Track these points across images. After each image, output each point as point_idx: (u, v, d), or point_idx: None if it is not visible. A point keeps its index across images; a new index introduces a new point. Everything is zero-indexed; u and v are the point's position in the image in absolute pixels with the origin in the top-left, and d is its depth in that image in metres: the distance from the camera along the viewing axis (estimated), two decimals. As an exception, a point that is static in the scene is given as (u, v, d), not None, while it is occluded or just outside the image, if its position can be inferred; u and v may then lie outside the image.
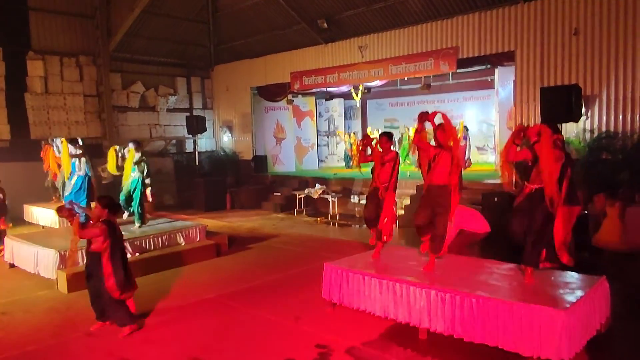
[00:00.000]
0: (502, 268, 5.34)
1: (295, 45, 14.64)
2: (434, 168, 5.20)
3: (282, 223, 11.96)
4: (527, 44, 10.18)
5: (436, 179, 5.19)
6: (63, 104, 14.00)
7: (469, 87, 16.20)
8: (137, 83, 15.63)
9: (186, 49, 16.56)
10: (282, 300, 6.14)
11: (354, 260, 5.92)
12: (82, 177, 8.74)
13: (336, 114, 18.72)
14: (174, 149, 16.75)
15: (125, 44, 14.86)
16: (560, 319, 3.98)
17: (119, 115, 15.19)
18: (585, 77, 9.44)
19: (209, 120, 16.81)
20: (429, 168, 5.28)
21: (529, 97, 10.15)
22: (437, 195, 5.19)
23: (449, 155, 5.11)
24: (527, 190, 4.82)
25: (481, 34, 10.87)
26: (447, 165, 5.11)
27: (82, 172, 8.75)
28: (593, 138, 9.31)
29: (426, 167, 5.33)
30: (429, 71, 11.91)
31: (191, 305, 6.07)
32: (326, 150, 18.85)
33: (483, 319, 4.37)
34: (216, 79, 17.32)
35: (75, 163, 8.77)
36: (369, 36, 12.98)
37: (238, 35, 16.04)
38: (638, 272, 6.38)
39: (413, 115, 18.22)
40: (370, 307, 5.24)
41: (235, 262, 8.26)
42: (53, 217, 10.62)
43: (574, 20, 9.54)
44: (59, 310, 6.01)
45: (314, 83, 14.26)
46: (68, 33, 14.14)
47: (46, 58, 13.64)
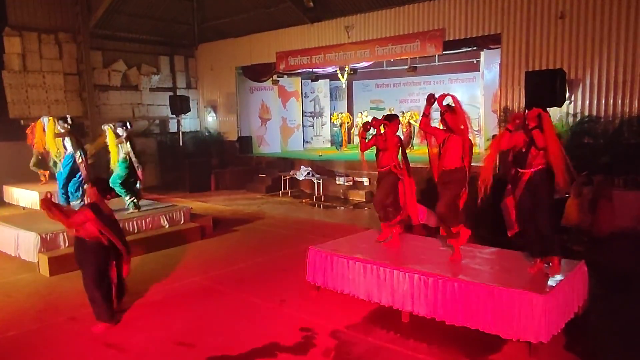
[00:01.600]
0: (485, 252, 5.43)
1: (280, 24, 14.42)
2: (445, 153, 5.07)
3: (267, 205, 11.95)
4: (513, 26, 10.17)
5: (448, 164, 5.06)
6: (42, 83, 13.64)
7: (454, 69, 16.19)
8: (118, 61, 15.27)
9: (170, 27, 16.17)
10: (266, 283, 6.17)
11: (338, 243, 5.94)
12: (69, 156, 8.64)
13: (322, 94, 18.60)
14: (157, 129, 16.50)
15: (106, 21, 14.46)
16: (540, 303, 4.06)
17: (101, 94, 14.88)
18: (570, 61, 9.48)
19: (193, 100, 16.57)
20: (439, 153, 5.17)
21: (514, 80, 10.18)
22: (449, 180, 5.09)
23: (459, 139, 4.98)
24: (526, 177, 4.62)
25: (468, 16, 10.81)
26: (459, 149, 4.98)
27: (69, 151, 8.63)
28: (576, 122, 9.41)
29: (436, 152, 5.22)
30: (416, 53, 11.85)
31: (175, 288, 6.07)
32: (312, 131, 18.77)
33: (464, 302, 4.44)
34: (200, 58, 17.02)
35: (64, 140, 8.65)
36: (356, 16, 12.83)
37: (223, 13, 15.71)
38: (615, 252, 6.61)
39: (399, 96, 18.52)
40: (354, 290, 5.29)
41: (220, 244, 8.24)
42: (34, 198, 10.47)
43: (560, 4, 9.53)
44: (41, 294, 5.95)
45: (300, 64, 14.10)
46: (46, 8, 13.69)
47: (24, 34, 13.23)
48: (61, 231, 6.88)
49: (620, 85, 9.12)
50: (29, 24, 13.38)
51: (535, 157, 4.58)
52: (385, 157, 5.65)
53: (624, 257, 6.83)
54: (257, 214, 10.79)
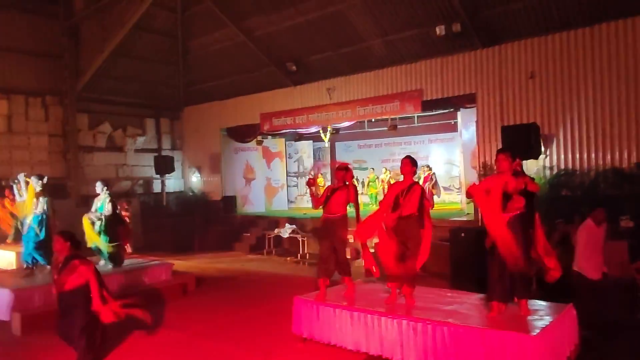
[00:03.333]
0: (472, 298, 5.38)
1: (264, 87, 14.90)
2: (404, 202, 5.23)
3: (251, 263, 11.77)
4: (487, 86, 10.68)
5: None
6: (27, 144, 13.69)
7: (434, 130, 16.71)
8: (104, 123, 15.46)
9: (156, 90, 16.56)
10: (251, 337, 5.98)
11: (324, 293, 5.84)
12: (38, 216, 8.33)
13: (305, 155, 18.91)
14: (141, 190, 16.44)
15: (93, 85, 14.77)
16: (531, 344, 4.01)
17: (85, 156, 14.91)
18: (543, 117, 9.91)
19: (177, 161, 16.68)
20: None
21: (491, 136, 10.55)
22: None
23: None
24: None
25: (444, 77, 11.34)
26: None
27: (38, 211, 8.34)
28: (553, 175, 9.70)
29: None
30: (395, 112, 12.27)
31: (156, 344, 5.83)
32: (296, 191, 18.88)
33: (455, 347, 4.36)
34: (186, 120, 17.34)
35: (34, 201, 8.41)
36: (337, 79, 13.35)
37: (208, 77, 16.22)
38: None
39: (381, 156, 18.88)
40: (342, 340, 5.16)
41: (203, 300, 8.02)
42: (10, 259, 10.17)
43: (530, 64, 10.11)
44: (12, 353, 5.66)
45: (284, 124, 14.44)
46: (35, 73, 13.99)
47: (11, 97, 13.41)
48: (36, 287, 6.67)
49: (592, 139, 9.51)
50: (17, 86, 13.60)
51: (513, 202, 4.72)
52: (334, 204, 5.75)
53: (611, 304, 6.80)
54: (241, 271, 10.59)
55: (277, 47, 13.73)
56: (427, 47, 11.49)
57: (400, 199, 5.25)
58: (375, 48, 12.26)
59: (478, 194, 4.77)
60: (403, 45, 11.82)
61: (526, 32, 10.13)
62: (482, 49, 10.68)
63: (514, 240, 4.52)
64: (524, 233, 4.75)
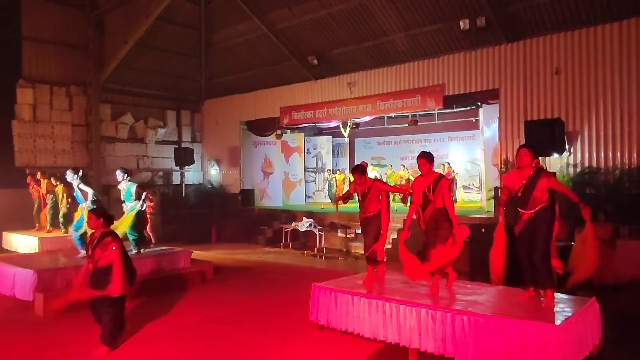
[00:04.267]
0: (492, 290, 5.31)
1: (285, 81, 14.93)
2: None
3: (268, 255, 11.80)
4: (511, 82, 10.53)
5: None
6: (51, 133, 13.93)
7: (454, 128, 16.55)
8: (126, 114, 15.68)
9: (177, 83, 16.74)
10: (268, 324, 5.98)
11: (343, 281, 5.83)
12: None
13: (324, 150, 18.89)
14: (161, 181, 16.62)
15: (116, 76, 15.00)
16: (553, 334, 3.93)
17: (107, 146, 15.13)
18: (568, 114, 9.73)
19: (197, 154, 16.81)
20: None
21: (514, 132, 10.40)
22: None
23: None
24: (526, 217, 4.80)
25: (466, 72, 11.22)
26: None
27: (90, 199, 8.40)
28: (577, 173, 9.51)
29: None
30: (416, 107, 12.18)
31: (174, 328, 5.87)
32: (313, 186, 18.87)
33: (474, 336, 4.29)
34: (206, 112, 17.47)
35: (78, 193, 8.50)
36: (358, 73, 13.32)
37: (229, 70, 16.32)
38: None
39: (400, 153, 18.75)
40: (359, 328, 5.12)
41: (220, 288, 8.06)
42: (33, 244, 10.37)
43: (555, 60, 9.93)
44: (35, 332, 5.75)
45: (303, 118, 14.45)
46: (60, 63, 14.25)
47: (37, 86, 13.68)
48: (59, 269, 6.80)
49: (618, 138, 9.31)
50: (43, 76, 13.88)
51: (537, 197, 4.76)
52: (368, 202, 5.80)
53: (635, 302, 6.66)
54: (259, 262, 10.64)
55: (299, 40, 13.74)
56: (450, 41, 11.38)
57: (429, 195, 5.23)
58: (398, 42, 12.18)
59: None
60: (426, 40, 11.72)
61: (552, 27, 9.97)
62: (506, 43, 10.53)
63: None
64: (549, 226, 4.71)
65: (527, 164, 4.85)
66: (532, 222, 4.77)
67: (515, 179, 4.93)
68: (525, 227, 4.81)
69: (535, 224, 4.75)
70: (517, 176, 4.95)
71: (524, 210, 4.82)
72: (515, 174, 5.03)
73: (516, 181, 4.91)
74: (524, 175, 4.86)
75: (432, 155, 5.43)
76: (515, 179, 4.93)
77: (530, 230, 4.77)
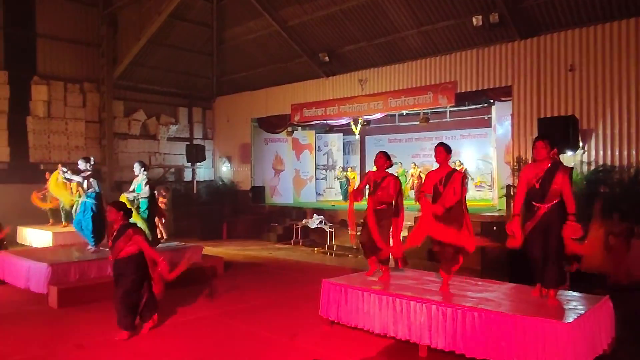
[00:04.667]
0: (503, 287, 5.28)
1: (296, 77, 14.93)
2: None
3: (279, 252, 11.83)
4: (524, 79, 10.43)
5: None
6: (64, 129, 14.09)
7: (466, 125, 16.43)
8: (139, 111, 15.81)
9: (189, 80, 16.84)
10: (278, 319, 6.01)
11: (353, 278, 5.84)
12: (92, 194, 8.47)
13: (335, 148, 18.87)
14: (173, 178, 16.74)
15: (129, 73, 15.12)
16: (565, 332, 3.89)
17: (119, 142, 15.28)
18: (582, 111, 9.62)
19: (208, 150, 16.92)
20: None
21: (527, 130, 10.30)
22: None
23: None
24: (542, 211, 4.66)
25: (479, 69, 11.14)
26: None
27: (91, 190, 8.47)
28: (590, 171, 9.39)
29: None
30: (428, 104, 12.12)
31: (185, 322, 5.92)
32: (324, 183, 18.87)
33: (486, 333, 4.27)
34: (217, 109, 17.55)
35: (84, 183, 8.54)
36: (369, 70, 13.28)
37: (240, 67, 16.37)
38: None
39: (411, 151, 18.68)
40: (369, 324, 5.13)
41: (231, 283, 8.10)
42: (47, 238, 10.52)
43: (570, 57, 9.81)
44: (49, 324, 5.83)
45: (314, 115, 14.45)
46: (74, 60, 14.41)
47: (51, 83, 13.84)
48: (73, 263, 6.89)
49: (633, 135, 9.18)
50: (57, 73, 14.04)
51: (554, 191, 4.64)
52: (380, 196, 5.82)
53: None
54: (269, 258, 10.67)
55: (310, 37, 13.74)
56: (462, 38, 11.30)
57: (439, 187, 5.18)
58: (410, 39, 12.12)
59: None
60: (438, 36, 11.65)
61: (567, 23, 9.86)
62: (520, 40, 10.43)
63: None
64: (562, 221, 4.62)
65: (544, 156, 4.70)
66: (547, 216, 4.62)
67: (532, 172, 4.76)
68: (540, 222, 4.65)
69: (551, 219, 4.60)
70: (534, 169, 4.78)
71: (540, 204, 4.66)
72: (532, 167, 4.87)
73: (533, 174, 4.74)
74: (541, 167, 4.69)
75: (449, 147, 5.36)
76: (532, 172, 4.76)
77: (545, 225, 4.62)
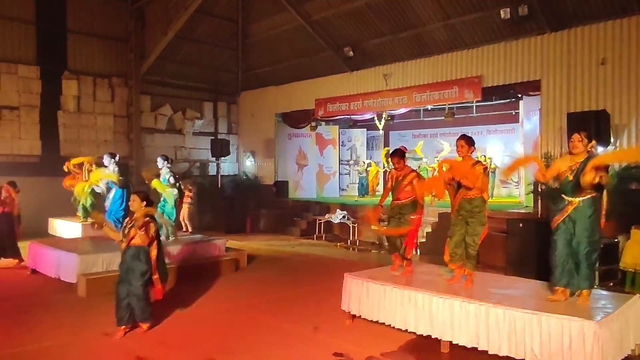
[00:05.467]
0: (529, 284, 5.19)
1: (320, 72, 14.91)
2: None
3: (301, 247, 11.87)
4: (554, 72, 10.17)
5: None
6: (94, 123, 14.41)
7: (493, 120, 16.15)
8: (165, 106, 16.04)
9: (215, 74, 17.01)
10: (300, 312, 6.05)
11: (375, 272, 5.82)
12: (120, 190, 8.74)
13: (359, 143, 18.81)
14: (198, 172, 16.96)
15: (156, 67, 15.34)
16: (592, 331, 3.80)
17: (146, 136, 15.54)
18: (614, 106, 9.33)
19: (232, 145, 17.06)
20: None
21: (555, 124, 10.07)
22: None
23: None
24: (573, 205, 4.48)
25: (506, 63, 10.92)
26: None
27: (120, 185, 8.72)
28: (622, 167, 9.11)
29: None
30: (454, 99, 11.94)
31: (208, 313, 6.01)
32: (347, 179, 18.84)
33: (509, 331, 4.20)
34: (242, 104, 17.68)
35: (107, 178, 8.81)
36: (394, 64, 13.16)
37: (265, 62, 16.45)
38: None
39: (436, 147, 18.46)
40: (390, 319, 5.11)
41: (254, 276, 8.19)
42: (76, 230, 10.78)
43: (602, 50, 9.53)
44: (78, 312, 6.01)
45: (338, 110, 14.41)
46: (103, 55, 14.70)
47: (81, 78, 14.15)
48: (101, 253, 7.06)
49: (668, 131, 8.88)
50: (86, 68, 14.35)
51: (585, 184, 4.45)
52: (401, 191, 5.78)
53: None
54: (292, 253, 10.74)
55: (334, 31, 13.69)
56: (490, 31, 11.10)
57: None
58: (436, 32, 11.97)
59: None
60: (465, 30, 11.47)
61: (599, 15, 9.57)
62: (549, 33, 10.17)
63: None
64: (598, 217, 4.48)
65: (581, 150, 4.51)
66: (579, 211, 4.45)
67: (566, 164, 4.57)
68: (570, 217, 4.48)
69: (583, 214, 4.43)
70: (568, 161, 4.58)
71: (570, 198, 4.50)
72: (567, 159, 4.66)
73: (567, 166, 4.54)
74: (576, 160, 4.51)
75: (472, 139, 5.25)
76: (566, 164, 4.57)
77: (576, 221, 4.45)
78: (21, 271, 8.18)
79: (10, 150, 13.04)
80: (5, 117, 12.99)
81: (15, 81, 13.09)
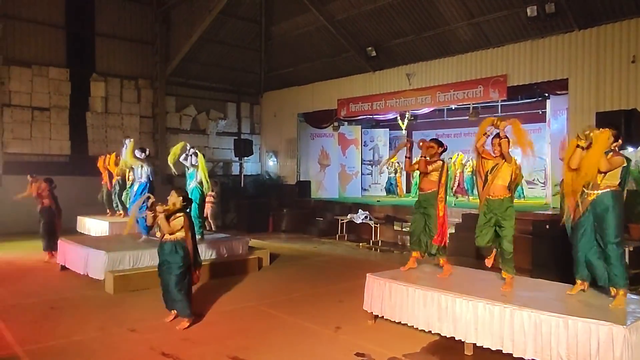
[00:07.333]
0: (555, 287, 5.09)
1: (343, 72, 14.92)
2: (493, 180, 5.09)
3: (323, 246, 11.89)
4: (582, 71, 9.97)
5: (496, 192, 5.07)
6: (120, 124, 14.73)
7: (519, 120, 15.85)
8: (189, 106, 16.29)
9: (238, 75, 17.19)
10: (322, 311, 6.06)
11: (397, 273, 5.78)
12: (143, 184, 8.91)
13: (381, 143, 18.75)
14: (221, 172, 17.16)
15: (181, 69, 15.59)
16: (621, 335, 3.71)
17: (171, 137, 15.77)
18: (645, 105, 9.09)
19: (255, 145, 17.21)
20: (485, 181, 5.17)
21: (583, 124, 9.79)
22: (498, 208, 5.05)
23: (509, 167, 5.06)
24: (592, 197, 4.45)
25: (533, 62, 10.74)
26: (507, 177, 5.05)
27: (143, 179, 8.92)
28: (652, 168, 8.88)
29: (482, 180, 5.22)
30: (478, 98, 11.81)
31: (231, 311, 6.07)
32: (370, 179, 18.81)
33: (535, 334, 4.13)
34: (265, 105, 17.81)
35: (137, 170, 8.99)
36: (417, 64, 13.08)
37: (288, 62, 16.53)
38: None
39: (460, 147, 18.25)
40: (413, 320, 5.07)
41: (277, 275, 8.24)
42: (104, 228, 11.02)
43: (633, 47, 9.29)
44: (105, 308, 6.14)
45: (361, 110, 14.40)
46: (129, 57, 15.02)
47: (108, 80, 14.49)
48: (128, 251, 7.21)
49: (702, 131, 8.58)
50: (113, 70, 14.69)
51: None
52: (426, 182, 5.74)
53: None
54: (314, 252, 10.76)
55: (357, 31, 13.68)
56: (516, 29, 10.93)
57: (489, 175, 5.09)
58: (460, 31, 11.84)
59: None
60: (490, 28, 11.32)
61: (630, 12, 9.34)
62: (577, 30, 9.97)
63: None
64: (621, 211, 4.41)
65: (608, 148, 4.46)
66: (597, 205, 4.40)
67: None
68: (589, 211, 4.44)
69: (603, 208, 4.37)
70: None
71: (590, 190, 4.46)
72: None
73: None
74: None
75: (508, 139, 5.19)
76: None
77: (596, 214, 4.41)
78: (51, 267, 8.41)
79: (41, 150, 13.43)
80: (37, 118, 13.39)
81: (47, 83, 13.49)
